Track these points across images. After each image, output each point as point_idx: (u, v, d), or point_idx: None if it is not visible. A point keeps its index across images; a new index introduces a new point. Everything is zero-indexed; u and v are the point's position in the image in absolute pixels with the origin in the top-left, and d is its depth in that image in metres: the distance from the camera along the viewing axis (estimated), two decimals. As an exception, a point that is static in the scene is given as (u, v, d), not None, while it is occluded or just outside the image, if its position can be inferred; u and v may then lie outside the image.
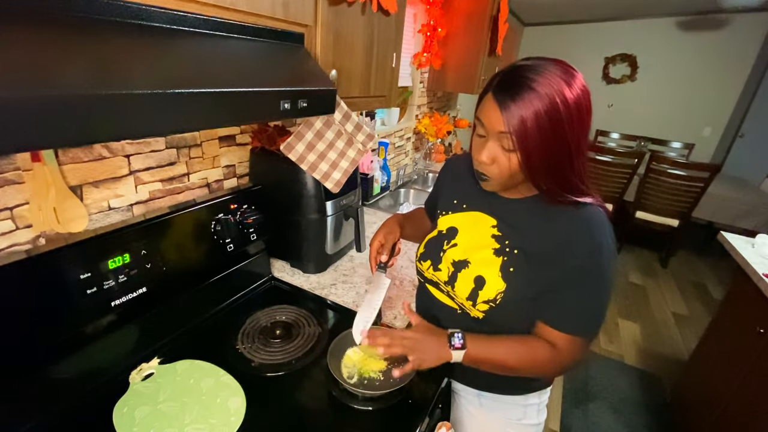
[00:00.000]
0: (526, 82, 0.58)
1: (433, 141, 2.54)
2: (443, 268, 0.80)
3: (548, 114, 0.58)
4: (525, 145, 0.60)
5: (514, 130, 0.59)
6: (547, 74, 0.58)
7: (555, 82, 0.58)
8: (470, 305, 0.74)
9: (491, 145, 0.64)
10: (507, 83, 0.60)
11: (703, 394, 1.64)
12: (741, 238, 1.65)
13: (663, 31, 4.24)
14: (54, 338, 0.67)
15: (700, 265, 3.52)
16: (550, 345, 0.69)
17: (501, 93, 0.60)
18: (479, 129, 0.66)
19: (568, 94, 0.58)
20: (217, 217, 0.95)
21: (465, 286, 0.75)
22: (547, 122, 0.58)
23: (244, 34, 0.68)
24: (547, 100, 0.57)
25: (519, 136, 0.59)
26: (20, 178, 0.68)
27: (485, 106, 0.64)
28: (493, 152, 0.64)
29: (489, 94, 0.63)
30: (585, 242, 0.67)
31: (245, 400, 0.73)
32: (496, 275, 0.72)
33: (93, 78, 0.43)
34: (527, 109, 0.58)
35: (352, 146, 1.10)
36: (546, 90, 0.57)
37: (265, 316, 0.98)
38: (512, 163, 0.63)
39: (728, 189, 3.29)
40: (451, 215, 0.84)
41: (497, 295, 0.71)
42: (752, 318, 1.39)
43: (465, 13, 2.15)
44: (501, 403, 0.86)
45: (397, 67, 1.31)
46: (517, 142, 0.60)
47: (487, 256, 0.74)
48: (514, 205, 0.75)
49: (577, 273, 0.67)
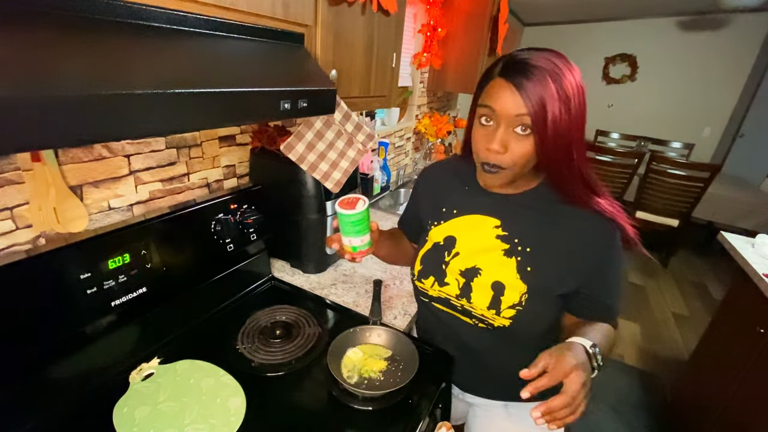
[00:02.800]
0: (536, 63, 0.58)
1: (433, 141, 2.54)
2: (451, 281, 0.75)
3: (561, 93, 0.57)
4: (543, 126, 0.58)
5: (532, 109, 0.57)
6: (552, 58, 0.59)
7: (560, 64, 0.59)
8: (493, 314, 0.71)
9: (503, 131, 0.61)
10: (516, 66, 0.59)
11: (703, 394, 1.64)
12: (741, 238, 1.65)
13: (663, 31, 4.24)
14: (54, 338, 0.67)
15: (700, 265, 3.52)
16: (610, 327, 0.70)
17: (513, 74, 0.59)
18: (484, 118, 0.63)
19: (575, 77, 0.59)
20: (217, 217, 0.95)
21: (483, 296, 0.71)
22: (562, 102, 0.57)
23: (244, 34, 0.67)
24: (558, 79, 0.57)
25: (538, 116, 0.58)
26: (20, 178, 0.68)
27: (495, 91, 0.61)
28: (506, 138, 0.61)
29: (497, 78, 0.61)
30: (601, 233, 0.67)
31: (245, 400, 0.73)
32: (515, 277, 0.69)
33: (93, 78, 0.43)
34: (544, 88, 0.57)
35: (352, 146, 1.10)
36: (555, 70, 0.58)
37: (265, 316, 0.98)
38: (526, 149, 0.61)
39: (728, 189, 3.29)
40: (443, 224, 0.80)
41: (521, 298, 0.68)
42: (752, 318, 1.38)
43: (465, 13, 2.15)
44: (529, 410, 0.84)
45: (397, 67, 1.31)
46: (535, 123, 0.58)
47: (498, 259, 0.71)
48: (514, 200, 0.72)
49: (600, 267, 0.67)
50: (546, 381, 0.52)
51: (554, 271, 0.68)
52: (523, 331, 0.71)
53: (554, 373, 0.52)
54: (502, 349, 0.78)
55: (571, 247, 0.68)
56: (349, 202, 0.68)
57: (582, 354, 0.57)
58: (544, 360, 0.55)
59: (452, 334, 0.81)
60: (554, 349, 0.57)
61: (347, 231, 0.69)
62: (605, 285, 0.70)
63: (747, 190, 3.41)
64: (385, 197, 2.00)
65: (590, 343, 0.59)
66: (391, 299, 1.10)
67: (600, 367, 0.58)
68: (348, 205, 0.68)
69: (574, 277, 0.68)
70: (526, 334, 0.72)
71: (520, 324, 0.70)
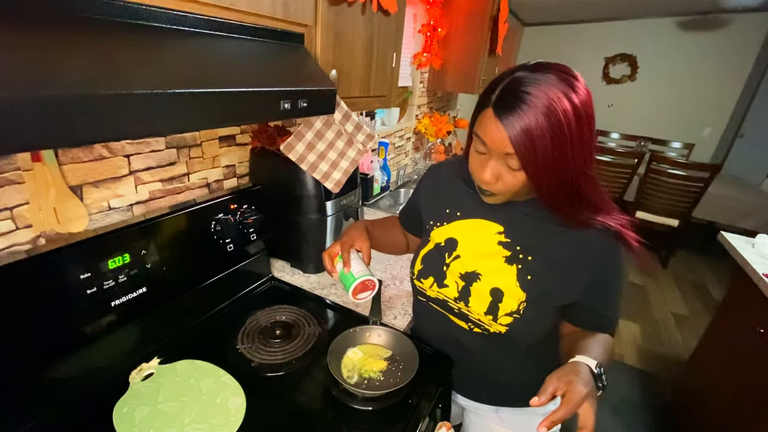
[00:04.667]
0: (528, 99, 0.54)
1: (433, 141, 2.54)
2: (450, 283, 0.75)
3: (554, 130, 0.54)
4: (532, 163, 0.56)
5: (520, 150, 0.55)
6: (548, 87, 0.54)
7: (557, 94, 0.54)
8: (490, 320, 0.70)
9: (495, 164, 0.60)
10: (508, 99, 0.56)
11: (703, 394, 1.64)
12: (741, 238, 1.65)
13: (663, 31, 4.23)
14: (54, 338, 0.67)
15: (700, 265, 3.52)
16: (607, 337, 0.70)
17: (503, 110, 0.56)
18: (479, 146, 0.62)
19: (571, 106, 0.55)
20: (217, 217, 0.95)
21: (481, 301, 0.71)
22: (553, 139, 0.54)
23: (245, 34, 0.67)
24: (551, 115, 0.54)
25: (526, 155, 0.56)
26: (20, 178, 0.68)
27: (486, 124, 0.58)
28: (498, 171, 0.61)
29: (489, 110, 0.58)
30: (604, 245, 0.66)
31: (245, 400, 0.73)
32: (514, 285, 0.68)
33: (93, 78, 0.43)
34: (532, 127, 0.54)
35: (352, 146, 1.10)
36: (549, 105, 0.54)
37: (265, 316, 0.98)
38: (518, 180, 0.60)
39: (728, 189, 3.29)
40: (446, 226, 0.79)
41: (519, 306, 0.68)
42: (752, 318, 1.39)
43: (465, 13, 2.15)
44: (521, 414, 0.84)
45: (397, 67, 1.31)
46: (523, 161, 0.56)
47: (499, 265, 0.70)
48: (519, 207, 0.71)
49: (602, 278, 0.67)
50: (562, 414, 0.51)
51: (555, 281, 0.68)
52: (519, 339, 0.71)
53: (569, 407, 0.51)
54: (496, 355, 0.78)
55: (574, 258, 0.67)
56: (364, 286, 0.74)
57: (588, 376, 0.56)
58: (552, 385, 0.54)
59: (447, 335, 0.81)
60: (561, 372, 0.56)
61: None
62: (606, 297, 0.70)
63: (747, 190, 3.41)
64: (385, 197, 2.00)
65: (594, 362, 0.58)
66: (391, 299, 1.10)
67: (605, 387, 0.57)
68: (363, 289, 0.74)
69: (574, 289, 0.68)
70: (522, 342, 0.72)
71: (516, 332, 0.70)
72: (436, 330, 0.83)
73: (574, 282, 0.67)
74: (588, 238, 0.66)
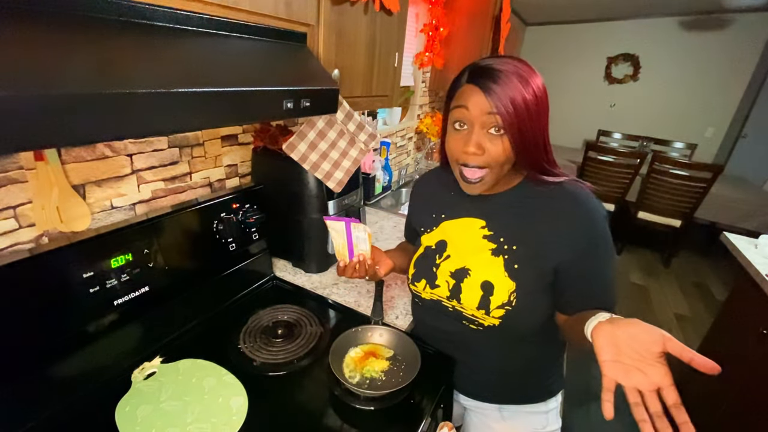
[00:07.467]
0: (501, 68, 0.62)
1: (435, 141, 2.54)
2: (441, 283, 0.77)
3: (527, 91, 0.62)
4: (512, 123, 0.61)
5: (500, 108, 0.61)
6: (516, 63, 0.64)
7: (525, 68, 0.63)
8: (483, 314, 0.72)
9: (477, 133, 0.64)
10: (480, 73, 0.63)
11: (705, 395, 1.64)
12: (744, 239, 1.64)
13: (666, 31, 4.22)
14: (56, 337, 0.67)
15: (703, 265, 3.51)
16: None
17: (479, 79, 0.63)
18: (458, 123, 0.66)
19: (536, 76, 0.64)
20: (220, 216, 0.95)
21: (472, 296, 0.72)
22: (527, 100, 0.61)
23: (247, 33, 0.67)
24: (522, 80, 0.62)
25: (506, 113, 0.61)
26: (23, 177, 0.68)
27: (466, 94, 0.64)
28: (481, 140, 0.64)
29: (465, 85, 0.65)
30: (579, 218, 0.67)
31: (247, 400, 0.73)
32: (503, 276, 0.70)
33: (97, 77, 0.43)
34: (510, 88, 0.61)
35: (355, 146, 1.10)
36: (519, 73, 0.62)
37: (267, 315, 0.98)
38: (501, 148, 0.64)
39: (731, 190, 3.28)
40: (435, 230, 0.82)
41: (510, 296, 0.69)
42: (755, 319, 1.38)
43: (467, 13, 2.14)
44: (523, 413, 0.84)
45: (399, 66, 1.30)
46: (504, 119, 0.61)
47: (486, 258, 0.73)
48: (496, 199, 0.74)
49: (585, 254, 0.67)
50: (676, 347, 0.48)
51: (540, 261, 0.69)
52: (514, 330, 0.72)
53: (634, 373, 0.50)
54: (495, 351, 0.79)
55: (553, 229, 0.68)
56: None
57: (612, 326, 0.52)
58: (608, 374, 0.51)
59: (445, 335, 0.82)
60: (610, 362, 0.52)
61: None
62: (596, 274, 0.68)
63: (750, 190, 3.40)
64: (386, 197, 2.00)
65: (608, 315, 0.55)
66: (393, 299, 1.10)
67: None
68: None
69: (562, 257, 0.67)
70: (517, 333, 0.73)
71: (510, 323, 0.71)
72: (435, 331, 0.84)
73: (560, 251, 0.67)
74: (560, 203, 0.69)
